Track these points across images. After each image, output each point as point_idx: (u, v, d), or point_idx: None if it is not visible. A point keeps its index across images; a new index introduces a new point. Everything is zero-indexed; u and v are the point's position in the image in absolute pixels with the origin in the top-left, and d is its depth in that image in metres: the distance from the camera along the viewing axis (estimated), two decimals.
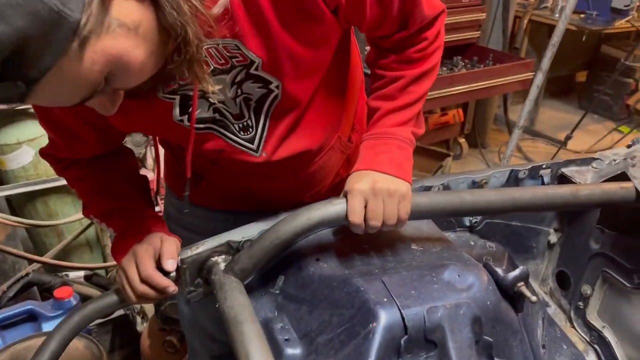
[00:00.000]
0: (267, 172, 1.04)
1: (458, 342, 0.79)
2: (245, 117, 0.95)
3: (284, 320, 0.91)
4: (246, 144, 0.98)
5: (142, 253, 0.92)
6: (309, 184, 1.14)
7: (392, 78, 0.99)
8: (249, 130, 0.96)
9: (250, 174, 1.05)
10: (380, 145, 0.96)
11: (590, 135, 4.16)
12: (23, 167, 1.56)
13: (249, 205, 1.14)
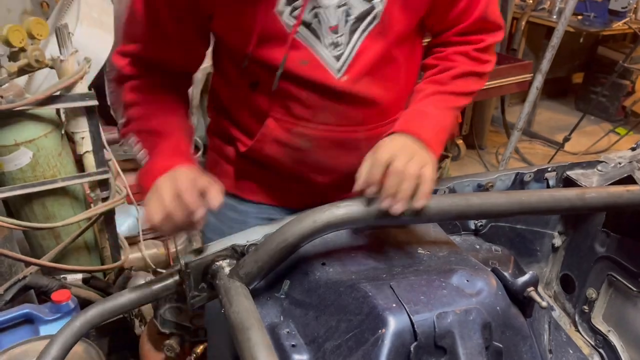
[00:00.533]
0: (335, 112, 1.02)
1: (468, 348, 0.78)
2: (340, 33, 0.95)
3: (290, 326, 0.89)
4: (332, 61, 0.98)
5: (184, 176, 0.88)
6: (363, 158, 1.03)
7: (446, 67, 1.05)
8: (338, 47, 0.97)
9: (319, 112, 1.02)
10: (420, 116, 0.99)
11: (587, 136, 4.16)
12: (21, 168, 1.54)
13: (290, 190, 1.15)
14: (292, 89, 1.01)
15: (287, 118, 1.05)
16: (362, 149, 1.02)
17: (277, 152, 1.09)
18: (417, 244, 1.01)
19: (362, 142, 1.06)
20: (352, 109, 1.04)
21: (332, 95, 1.01)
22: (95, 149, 1.67)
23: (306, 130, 1.05)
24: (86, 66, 1.60)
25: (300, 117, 1.04)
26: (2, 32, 1.49)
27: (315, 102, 1.02)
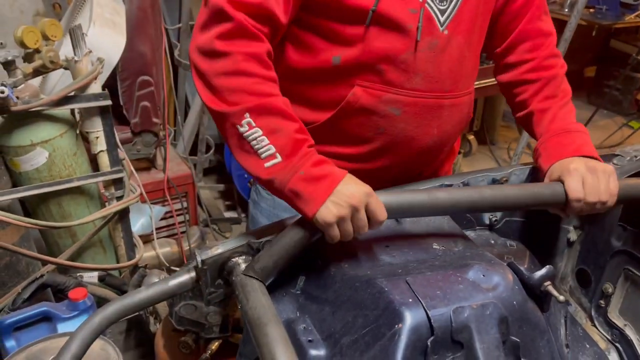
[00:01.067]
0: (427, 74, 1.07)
1: (485, 342, 0.78)
2: None
3: (307, 322, 0.90)
4: (438, 14, 1.04)
5: (362, 190, 0.88)
6: (440, 129, 1.16)
7: (549, 78, 1.17)
8: (444, 2, 1.04)
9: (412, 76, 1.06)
10: (570, 137, 1.10)
11: (600, 130, 4.13)
12: (37, 168, 1.55)
13: None
14: (394, 45, 1.03)
15: (377, 85, 1.07)
16: (443, 117, 1.15)
17: (359, 123, 1.11)
18: (432, 240, 1.01)
19: (444, 111, 1.14)
20: (444, 69, 1.09)
21: (432, 49, 1.06)
22: (109, 148, 1.68)
23: (397, 97, 1.08)
24: (99, 66, 1.62)
25: (392, 82, 1.07)
26: (17, 34, 1.50)
27: (413, 62, 1.05)
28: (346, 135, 1.13)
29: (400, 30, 1.02)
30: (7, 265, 1.66)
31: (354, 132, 1.12)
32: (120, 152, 1.77)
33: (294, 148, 0.89)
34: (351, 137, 1.13)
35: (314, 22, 1.04)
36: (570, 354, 1.05)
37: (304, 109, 1.12)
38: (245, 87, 0.90)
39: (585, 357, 1.08)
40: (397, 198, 0.92)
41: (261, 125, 0.89)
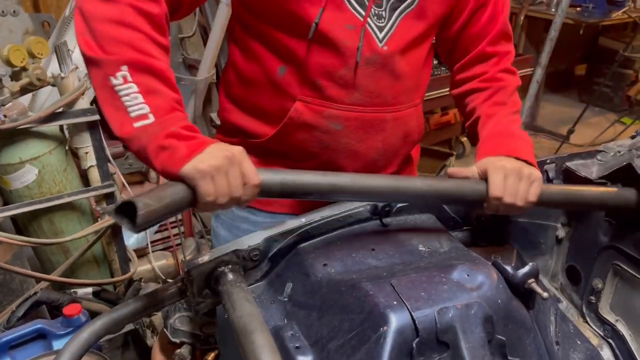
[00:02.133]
0: (367, 89, 1.08)
1: (471, 342, 0.78)
2: (382, 7, 1.04)
3: (294, 328, 0.90)
4: (377, 30, 1.05)
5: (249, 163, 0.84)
6: (385, 143, 1.17)
7: (499, 87, 1.16)
8: (381, 20, 1.05)
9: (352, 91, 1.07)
10: (509, 138, 1.08)
11: (592, 128, 4.15)
12: (27, 186, 1.56)
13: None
14: (332, 62, 1.05)
15: (318, 101, 1.08)
16: (387, 130, 1.15)
17: (304, 138, 1.12)
18: (417, 241, 1.01)
19: (387, 124, 1.14)
20: (384, 85, 1.09)
21: (371, 65, 1.06)
22: (99, 163, 1.69)
23: (337, 112, 1.09)
24: (87, 82, 1.63)
25: (332, 98, 1.08)
26: (4, 52, 1.52)
27: (352, 78, 1.06)
28: (293, 151, 1.15)
29: (338, 47, 1.03)
30: (1, 284, 1.67)
31: (300, 147, 1.13)
32: (111, 166, 1.78)
33: (169, 111, 0.83)
34: (298, 153, 1.14)
35: (262, 30, 1.06)
36: (561, 351, 1.05)
37: (254, 120, 1.15)
38: (129, 40, 0.83)
39: (577, 353, 1.08)
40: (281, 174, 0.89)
41: (138, 82, 0.82)
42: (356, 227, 1.05)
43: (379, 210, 1.06)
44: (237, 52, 1.14)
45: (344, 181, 0.91)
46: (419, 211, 1.11)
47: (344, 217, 1.04)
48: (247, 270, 0.99)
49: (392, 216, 1.08)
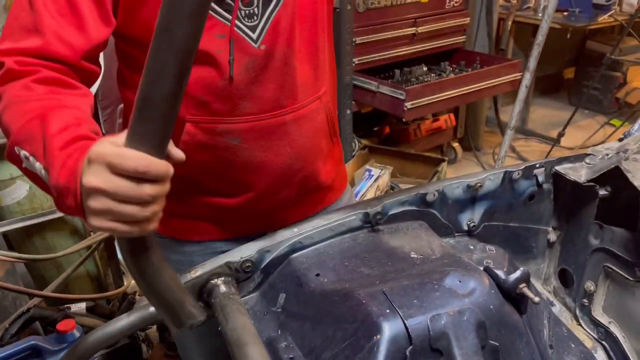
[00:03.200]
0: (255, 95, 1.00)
1: (464, 348, 0.78)
2: (254, 4, 0.96)
3: (288, 339, 0.90)
4: (248, 31, 0.97)
5: (114, 148, 0.60)
6: (294, 145, 1.08)
7: None
8: (253, 18, 0.96)
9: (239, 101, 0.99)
10: None
11: (582, 130, 4.18)
12: (18, 202, 1.56)
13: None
14: (208, 75, 0.97)
15: (207, 117, 1.00)
16: (291, 133, 1.07)
17: (204, 159, 1.04)
18: (409, 248, 1.02)
19: (290, 127, 1.06)
20: (272, 87, 1.02)
21: (250, 70, 0.98)
22: None
23: (230, 126, 1.01)
24: None
25: (220, 112, 1.00)
26: None
27: (234, 88, 0.98)
28: (205, 175, 1.07)
29: (209, 58, 0.96)
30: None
31: (208, 170, 1.06)
32: None
33: (47, 153, 0.71)
34: (210, 176, 1.07)
35: (135, 55, 0.99)
36: (555, 354, 1.05)
37: None
38: (12, 117, 0.76)
39: (571, 357, 1.09)
40: None
41: (29, 150, 0.73)
42: (348, 235, 1.05)
43: (371, 218, 1.06)
44: (123, 90, 1.09)
45: None
46: (411, 218, 1.11)
47: (335, 226, 1.04)
48: (240, 282, 0.99)
49: (384, 224, 1.08)
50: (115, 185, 0.57)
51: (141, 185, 0.58)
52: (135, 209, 0.58)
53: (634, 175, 1.05)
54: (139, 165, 0.56)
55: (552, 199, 1.25)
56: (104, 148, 0.58)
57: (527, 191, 1.21)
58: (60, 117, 0.74)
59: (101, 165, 0.58)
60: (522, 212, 1.23)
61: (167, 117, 0.57)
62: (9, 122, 0.77)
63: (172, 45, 0.54)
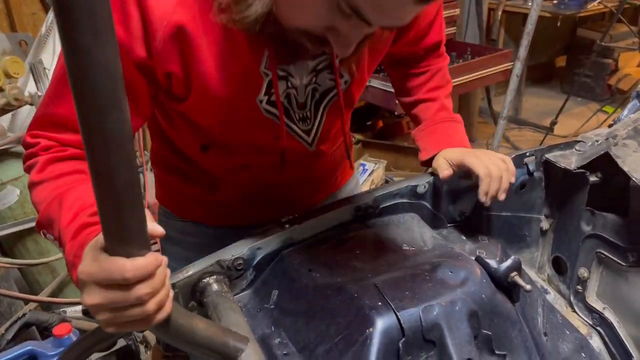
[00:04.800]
0: (300, 166, 1.08)
1: (457, 338, 0.78)
2: (307, 108, 0.98)
3: (282, 335, 0.90)
4: (304, 135, 1.02)
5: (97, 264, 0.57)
6: (320, 180, 1.21)
7: (436, 70, 1.21)
8: (307, 122, 1.00)
9: (279, 172, 1.07)
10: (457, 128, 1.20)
11: (575, 118, 4.18)
12: (9, 207, 1.55)
13: (256, 218, 1.14)
14: (257, 159, 1.05)
15: (244, 182, 1.10)
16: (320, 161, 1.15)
17: (242, 199, 1.14)
18: (401, 241, 1.02)
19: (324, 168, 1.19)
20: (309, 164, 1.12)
21: (297, 161, 1.07)
22: None
23: (266, 182, 1.11)
24: None
25: (258, 179, 1.10)
26: None
27: (279, 168, 1.06)
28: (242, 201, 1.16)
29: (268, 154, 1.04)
30: None
31: (246, 200, 1.16)
32: None
33: (64, 240, 0.75)
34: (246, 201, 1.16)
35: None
36: (550, 341, 1.05)
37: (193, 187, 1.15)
38: (37, 198, 0.83)
39: (566, 343, 1.09)
40: None
41: (52, 234, 0.80)
42: (340, 230, 1.05)
43: (362, 212, 1.06)
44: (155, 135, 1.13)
45: None
46: (403, 211, 1.11)
47: (327, 221, 1.04)
48: (232, 280, 0.99)
49: (375, 217, 1.08)
50: (110, 299, 0.58)
51: (135, 289, 0.58)
52: (138, 310, 0.59)
53: (624, 160, 1.05)
54: (125, 273, 0.56)
55: (544, 187, 1.24)
56: (89, 266, 0.58)
57: (519, 180, 1.21)
58: (73, 201, 0.77)
59: (91, 285, 0.59)
60: (514, 201, 1.22)
61: (134, 211, 0.54)
62: (35, 202, 0.83)
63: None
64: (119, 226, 0.55)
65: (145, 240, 0.58)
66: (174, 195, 1.20)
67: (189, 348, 0.74)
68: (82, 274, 0.59)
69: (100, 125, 0.47)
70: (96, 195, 0.53)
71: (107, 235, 0.56)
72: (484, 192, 1.03)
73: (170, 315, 0.65)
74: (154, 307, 0.60)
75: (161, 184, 1.21)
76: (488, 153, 1.07)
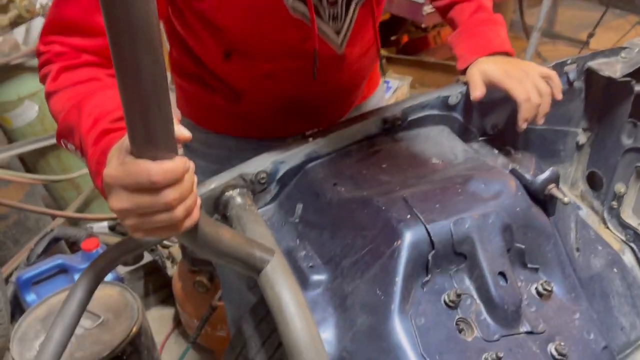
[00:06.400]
0: (327, 73, 1.02)
1: (489, 251, 0.76)
2: (338, 4, 0.94)
3: (307, 248, 0.88)
4: (333, 36, 0.97)
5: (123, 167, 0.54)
6: (349, 89, 1.14)
7: None
8: (337, 21, 0.96)
9: (305, 80, 1.02)
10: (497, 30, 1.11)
11: (612, 32, 3.94)
12: (29, 123, 1.53)
13: (282, 130, 1.11)
14: (282, 66, 0.99)
15: (268, 93, 1.04)
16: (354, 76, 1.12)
17: (266, 111, 1.08)
18: (430, 154, 0.97)
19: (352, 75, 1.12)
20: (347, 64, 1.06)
21: (326, 66, 1.01)
22: None
23: (291, 93, 1.06)
24: None
25: (283, 90, 1.04)
26: None
27: (306, 75, 1.00)
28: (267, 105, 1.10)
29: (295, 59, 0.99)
30: (17, 223, 1.68)
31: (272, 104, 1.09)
32: None
33: (85, 148, 0.73)
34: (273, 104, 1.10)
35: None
36: (582, 257, 1.02)
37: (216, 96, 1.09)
38: (55, 107, 0.80)
39: (598, 259, 1.06)
40: None
41: (73, 143, 0.77)
42: (366, 143, 1.01)
43: (389, 124, 1.01)
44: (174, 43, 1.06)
45: None
46: (432, 123, 1.06)
47: (352, 134, 1.00)
48: (256, 194, 0.97)
49: (404, 130, 1.03)
50: (137, 204, 0.55)
51: (162, 194, 0.54)
52: (166, 215, 0.56)
53: None
54: (152, 177, 0.53)
55: (584, 97, 1.17)
56: (115, 170, 0.55)
57: None
58: (92, 108, 0.74)
59: (118, 189, 0.56)
60: (550, 113, 1.15)
61: (160, 109, 0.50)
62: (53, 113, 0.81)
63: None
64: (145, 125, 0.51)
65: (173, 143, 0.55)
66: (195, 105, 1.16)
67: (215, 257, 0.72)
68: (108, 177, 0.56)
69: (126, 13, 0.43)
70: (121, 92, 0.49)
71: (132, 135, 0.52)
72: (523, 119, 0.96)
73: (198, 222, 0.63)
74: (182, 213, 0.57)
75: (182, 93, 1.17)
76: (530, 70, 0.98)
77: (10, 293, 1.61)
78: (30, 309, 1.46)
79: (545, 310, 0.78)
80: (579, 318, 0.79)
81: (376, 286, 0.75)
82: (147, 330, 1.51)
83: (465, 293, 0.75)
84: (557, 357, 0.73)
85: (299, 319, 0.71)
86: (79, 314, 0.87)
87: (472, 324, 0.74)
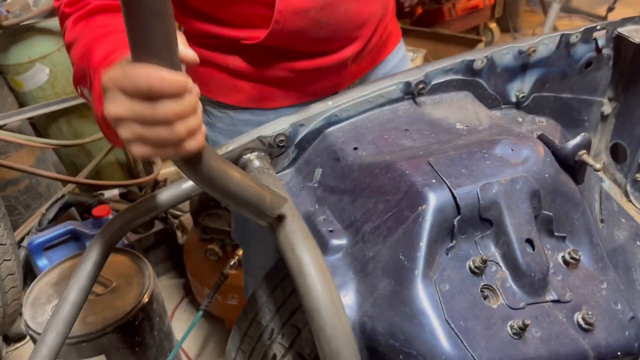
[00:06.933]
0: None
1: (516, 218, 0.73)
2: None
3: (326, 213, 0.86)
4: None
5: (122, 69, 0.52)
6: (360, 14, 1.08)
7: None
8: None
9: None
10: None
11: (632, 7, 3.84)
12: (40, 87, 1.51)
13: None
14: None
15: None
16: None
17: (301, 25, 1.01)
18: (454, 120, 0.94)
19: None
20: None
21: None
22: None
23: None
24: None
25: None
26: None
27: None
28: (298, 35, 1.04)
29: None
30: (28, 188, 1.67)
31: (304, 31, 1.03)
32: None
33: (93, 80, 0.72)
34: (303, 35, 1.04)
35: None
36: (605, 229, 1.00)
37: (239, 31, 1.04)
38: (72, 64, 0.82)
39: (622, 231, 1.04)
40: None
41: (86, 86, 0.78)
42: (387, 107, 0.98)
43: (412, 89, 0.98)
44: None
45: None
46: (455, 89, 1.03)
47: (374, 98, 0.97)
48: (274, 158, 0.95)
49: (426, 95, 1.00)
50: (134, 111, 0.52)
51: (160, 104, 0.52)
52: (164, 130, 0.53)
53: None
54: (149, 81, 0.50)
55: (611, 66, 1.13)
56: (114, 72, 0.53)
57: (585, 57, 1.09)
58: (103, 46, 0.73)
59: (115, 91, 0.53)
60: (576, 81, 1.12)
61: (161, 18, 0.48)
62: (73, 62, 0.82)
63: None
64: (145, 32, 0.49)
65: (175, 58, 0.52)
66: (216, 83, 1.13)
67: (222, 196, 0.68)
68: (106, 79, 0.54)
69: None
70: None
71: (132, 43, 0.51)
72: None
73: (203, 152, 0.60)
74: (183, 131, 0.54)
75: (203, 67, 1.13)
76: None
77: (22, 257, 1.61)
78: (42, 274, 1.46)
79: (572, 279, 0.76)
80: (606, 288, 0.77)
81: (399, 251, 0.73)
82: (158, 298, 1.51)
83: (490, 260, 0.73)
84: (584, 326, 0.71)
85: (320, 282, 0.70)
86: (94, 275, 0.86)
87: (498, 291, 0.72)
